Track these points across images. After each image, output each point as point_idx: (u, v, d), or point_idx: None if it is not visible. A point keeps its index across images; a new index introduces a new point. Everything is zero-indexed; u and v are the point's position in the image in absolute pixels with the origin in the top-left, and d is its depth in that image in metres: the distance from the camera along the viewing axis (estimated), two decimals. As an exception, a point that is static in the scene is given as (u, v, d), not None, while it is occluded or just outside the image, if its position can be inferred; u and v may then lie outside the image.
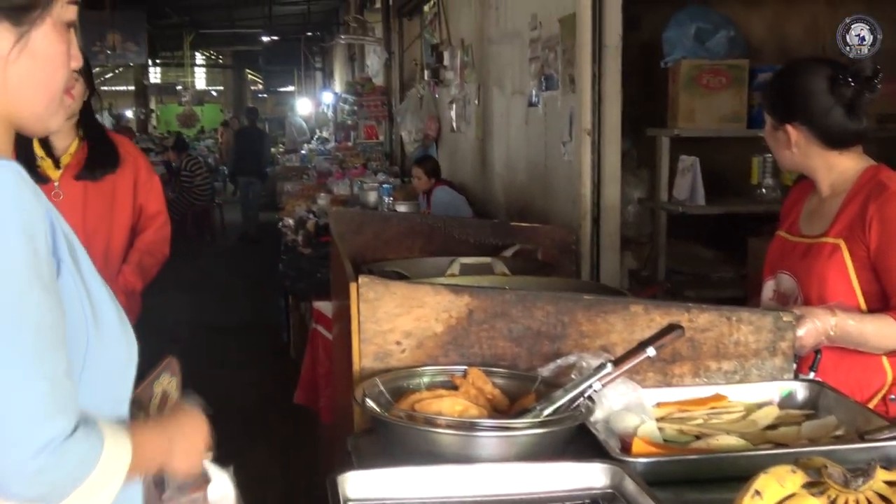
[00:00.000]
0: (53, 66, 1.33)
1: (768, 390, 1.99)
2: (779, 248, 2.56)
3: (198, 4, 20.14)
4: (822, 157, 2.40)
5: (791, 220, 2.57)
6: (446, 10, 8.39)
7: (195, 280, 10.55)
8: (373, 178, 9.11)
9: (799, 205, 2.58)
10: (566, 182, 4.86)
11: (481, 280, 2.54)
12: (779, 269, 2.52)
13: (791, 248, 2.49)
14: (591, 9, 4.41)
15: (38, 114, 1.35)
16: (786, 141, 2.40)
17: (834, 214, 2.38)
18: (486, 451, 1.59)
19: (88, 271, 1.36)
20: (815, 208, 2.49)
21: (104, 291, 1.38)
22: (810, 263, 2.38)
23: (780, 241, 2.57)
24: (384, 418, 1.67)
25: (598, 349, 1.95)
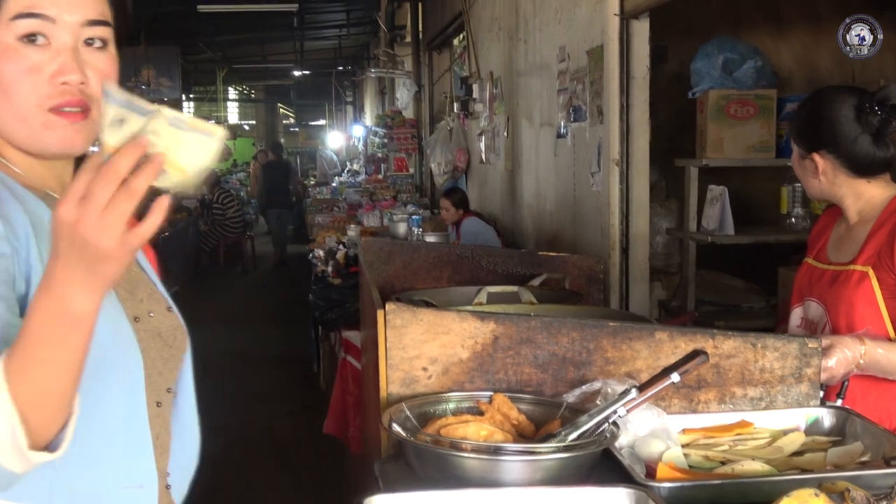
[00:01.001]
0: (7, 84, 1.33)
1: (794, 417, 1.98)
2: (807, 276, 2.55)
3: (230, 40, 20.39)
4: (849, 186, 2.40)
5: (819, 248, 2.57)
6: (475, 43, 8.46)
7: (227, 311, 10.64)
8: (402, 210, 9.16)
9: (827, 232, 2.57)
10: (595, 212, 4.88)
11: (508, 308, 2.56)
12: (807, 296, 2.52)
13: (819, 275, 2.49)
14: (619, 41, 4.45)
15: (20, 136, 1.37)
16: (813, 169, 2.41)
17: (862, 242, 2.38)
18: (510, 476, 1.60)
19: None
20: (843, 235, 2.48)
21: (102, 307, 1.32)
22: (838, 291, 2.38)
23: (808, 269, 2.56)
24: (410, 443, 1.69)
25: (623, 375, 1.96)
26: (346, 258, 6.37)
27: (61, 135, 1.36)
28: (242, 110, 40.66)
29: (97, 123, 1.39)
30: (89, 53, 1.38)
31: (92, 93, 1.37)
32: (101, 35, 1.39)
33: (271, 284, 12.77)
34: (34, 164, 1.42)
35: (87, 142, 1.40)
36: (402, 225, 7.30)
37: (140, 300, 1.49)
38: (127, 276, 1.49)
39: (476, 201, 8.72)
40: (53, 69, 1.34)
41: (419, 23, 12.76)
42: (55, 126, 1.36)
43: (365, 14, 16.64)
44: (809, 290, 2.51)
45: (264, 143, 34.37)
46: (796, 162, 2.48)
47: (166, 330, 1.53)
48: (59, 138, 1.37)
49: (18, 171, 1.40)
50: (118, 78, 1.43)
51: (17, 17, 1.32)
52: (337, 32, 19.95)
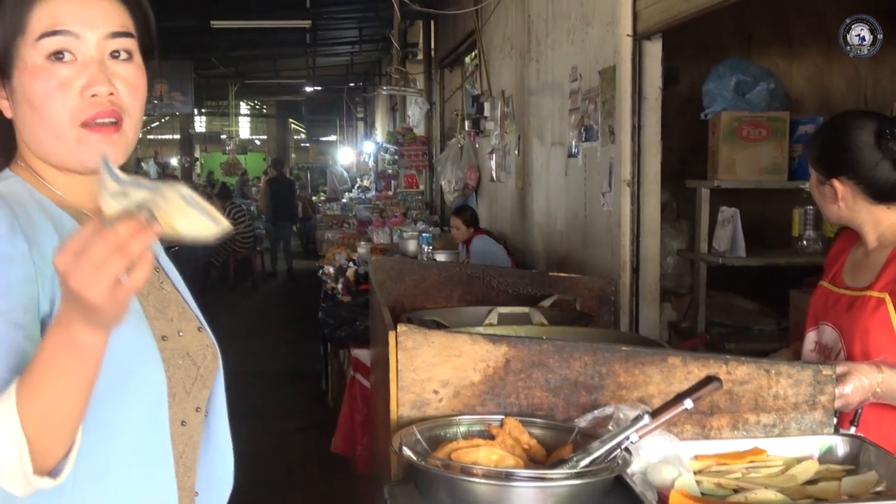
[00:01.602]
0: (39, 103, 1.37)
1: (808, 444, 1.96)
2: (822, 299, 2.53)
3: (243, 55, 20.49)
4: (869, 212, 2.38)
5: (835, 271, 2.54)
6: (487, 61, 8.48)
7: (235, 327, 10.64)
8: (412, 227, 9.17)
9: (843, 255, 2.55)
10: (605, 232, 4.87)
11: (519, 330, 2.55)
12: (821, 320, 2.50)
13: (835, 299, 2.47)
14: (632, 61, 4.46)
15: (55, 151, 1.41)
16: (832, 195, 2.38)
17: (879, 268, 2.36)
18: (522, 502, 1.59)
19: None
20: (860, 260, 2.46)
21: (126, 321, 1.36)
22: (854, 316, 2.36)
23: (823, 292, 2.54)
24: (421, 467, 1.67)
25: (636, 401, 1.95)
26: (356, 276, 6.37)
27: (96, 150, 1.37)
28: (254, 125, 40.82)
29: (130, 137, 1.44)
30: (116, 65, 1.41)
31: (122, 103, 1.41)
32: (125, 47, 1.42)
33: (280, 300, 12.78)
34: (71, 184, 1.45)
35: (123, 155, 1.43)
36: (413, 242, 7.30)
37: (170, 319, 1.51)
38: (158, 295, 1.51)
39: (486, 219, 8.72)
40: (82, 83, 1.37)
41: (431, 41, 12.80)
42: (89, 141, 1.39)
43: (377, 31, 16.72)
44: (825, 314, 2.49)
45: (275, 158, 34.56)
46: (814, 187, 2.45)
47: (195, 349, 1.53)
48: (94, 153, 1.37)
49: (59, 192, 1.44)
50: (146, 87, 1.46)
51: (43, 37, 1.36)
52: (349, 49, 20.03)
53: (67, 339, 1.12)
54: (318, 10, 14.39)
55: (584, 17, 5.22)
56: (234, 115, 33.39)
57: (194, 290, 1.69)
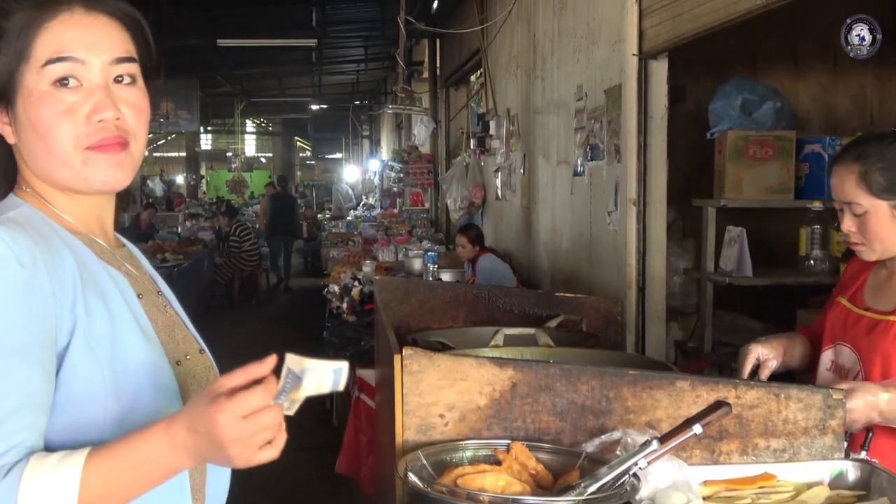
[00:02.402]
0: (44, 129, 1.37)
1: (818, 470, 1.94)
2: (841, 318, 2.48)
3: (249, 74, 20.56)
4: None
5: (854, 290, 2.49)
6: (493, 80, 8.49)
7: (240, 345, 10.61)
8: (418, 246, 9.15)
9: (864, 274, 2.49)
10: (611, 251, 4.86)
11: (525, 351, 2.53)
12: (839, 340, 2.46)
13: (855, 320, 2.43)
14: (637, 80, 4.45)
15: (61, 175, 1.40)
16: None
17: None
18: (529, 529, 1.57)
19: (125, 320, 1.38)
20: (883, 283, 2.41)
21: (138, 342, 1.39)
22: (875, 340, 2.32)
23: (842, 311, 2.49)
24: (426, 493, 1.65)
25: (644, 425, 1.92)
26: (362, 295, 6.36)
27: (103, 169, 1.40)
28: (260, 143, 40.95)
29: (136, 158, 1.45)
30: (120, 90, 1.42)
31: (128, 127, 1.42)
32: (129, 71, 1.43)
33: (285, 318, 12.75)
34: (76, 207, 1.45)
35: (129, 175, 1.44)
36: (418, 261, 7.28)
37: (178, 343, 1.51)
38: (165, 319, 1.50)
39: (491, 237, 8.71)
40: (88, 109, 1.37)
41: (437, 59, 12.85)
42: (95, 162, 1.39)
43: (383, 50, 16.76)
44: (843, 334, 2.44)
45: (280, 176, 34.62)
46: (885, 218, 2.30)
47: (200, 372, 1.53)
48: (101, 173, 1.40)
49: (66, 217, 1.43)
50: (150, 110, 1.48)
51: (48, 63, 1.36)
52: (355, 67, 20.10)
53: (168, 458, 1.22)
54: (324, 28, 14.44)
55: (589, 36, 5.23)
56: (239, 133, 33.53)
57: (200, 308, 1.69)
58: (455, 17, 10.56)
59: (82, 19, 1.39)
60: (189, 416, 1.21)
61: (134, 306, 1.42)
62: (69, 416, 1.30)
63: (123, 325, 1.37)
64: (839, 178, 2.34)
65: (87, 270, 1.36)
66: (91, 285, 1.34)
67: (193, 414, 1.21)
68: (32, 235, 1.30)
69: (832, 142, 4.44)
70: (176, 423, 1.22)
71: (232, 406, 1.18)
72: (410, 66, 13.74)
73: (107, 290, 1.38)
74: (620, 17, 4.61)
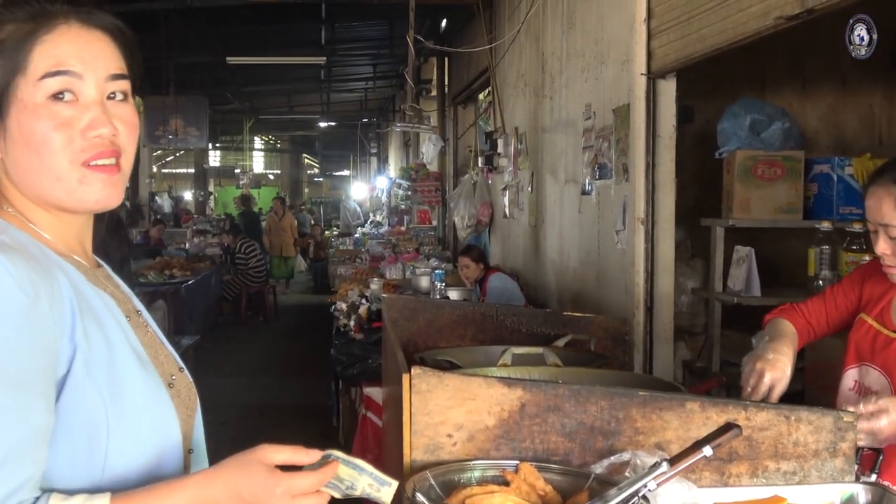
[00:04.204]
0: (38, 143, 1.34)
1: (829, 493, 1.92)
2: (869, 339, 2.45)
3: (258, 91, 20.64)
4: None
5: (881, 310, 2.46)
6: (501, 98, 8.51)
7: (247, 362, 10.62)
8: (425, 263, 9.15)
9: (890, 294, 2.46)
10: (619, 270, 4.85)
11: (533, 371, 2.52)
12: (867, 360, 2.43)
13: (884, 342, 2.40)
14: (646, 100, 4.46)
15: (54, 192, 1.37)
16: None
17: None
18: (537, 551, 1.56)
19: (121, 345, 1.36)
20: None
21: (134, 367, 1.37)
22: None
23: (869, 331, 2.46)
24: (434, 514, 1.64)
25: (653, 446, 1.91)
26: (369, 313, 6.35)
27: (99, 188, 1.37)
28: (268, 160, 41.05)
29: (126, 176, 1.43)
30: (114, 106, 1.40)
31: (121, 143, 1.40)
32: (122, 88, 1.42)
33: (292, 335, 12.75)
34: (60, 227, 1.41)
35: (121, 194, 1.42)
36: (425, 279, 7.27)
37: (162, 364, 1.48)
38: (147, 339, 1.48)
39: (499, 256, 8.70)
40: (84, 124, 1.35)
41: (445, 78, 12.88)
42: (92, 181, 1.36)
43: (391, 68, 16.83)
44: (871, 355, 2.41)
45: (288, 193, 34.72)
46: None
47: (184, 392, 1.51)
48: (97, 192, 1.37)
49: (47, 236, 1.39)
50: (145, 126, 1.46)
51: (45, 77, 1.34)
52: (363, 85, 20.18)
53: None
54: (333, 46, 14.50)
55: (598, 56, 5.23)
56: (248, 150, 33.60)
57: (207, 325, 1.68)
58: (463, 35, 10.59)
59: (80, 33, 1.37)
60: (234, 479, 1.29)
61: (126, 329, 1.40)
62: (70, 445, 1.28)
63: (119, 350, 1.35)
64: (876, 199, 2.30)
65: (82, 295, 1.33)
66: (87, 311, 1.32)
67: (240, 477, 1.29)
68: (29, 261, 1.26)
69: (841, 162, 4.43)
70: (215, 482, 1.28)
71: (291, 482, 1.30)
72: (419, 84, 13.78)
73: (101, 314, 1.35)
74: (629, 36, 4.62)
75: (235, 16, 12.30)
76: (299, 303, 16.10)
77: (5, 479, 1.17)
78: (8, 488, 1.16)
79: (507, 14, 8.13)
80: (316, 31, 13.75)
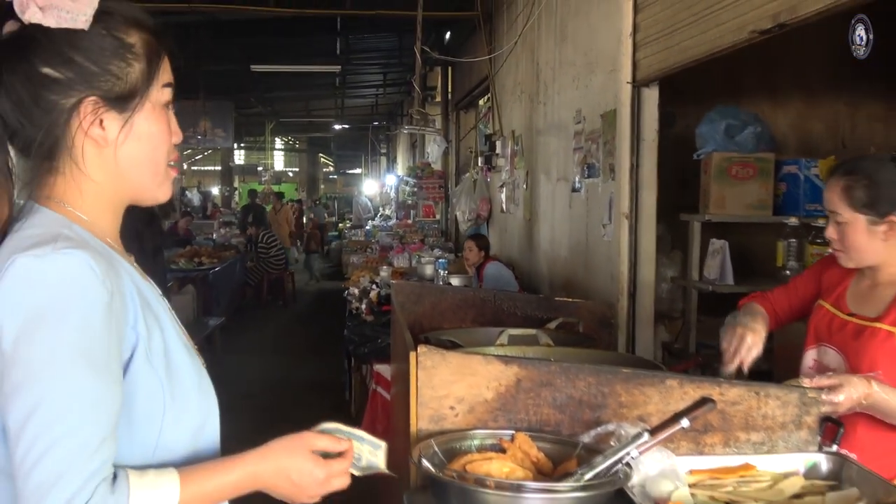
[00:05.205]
0: (155, 143, 1.37)
1: (794, 461, 1.93)
2: (825, 322, 2.47)
3: (279, 96, 20.59)
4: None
5: (836, 296, 2.48)
6: (499, 104, 8.49)
7: (268, 341, 10.62)
8: (429, 253, 9.14)
9: (845, 281, 2.48)
10: (605, 260, 4.85)
11: (527, 350, 2.52)
12: (824, 341, 2.44)
13: (840, 325, 2.41)
14: (631, 106, 4.45)
15: (148, 187, 1.40)
16: (883, 232, 2.30)
17: (889, 302, 2.31)
18: (530, 512, 1.56)
19: (172, 333, 1.37)
20: (867, 292, 2.40)
21: (183, 352, 1.38)
22: (861, 345, 2.31)
23: (826, 314, 2.48)
24: (438, 477, 1.65)
25: (636, 419, 1.92)
26: (379, 297, 6.35)
27: (169, 185, 1.43)
28: (287, 159, 40.99)
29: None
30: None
31: None
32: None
33: (309, 317, 12.75)
34: (113, 222, 1.40)
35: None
36: (430, 267, 7.28)
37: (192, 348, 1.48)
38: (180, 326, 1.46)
39: (497, 247, 8.69)
40: (174, 129, 1.42)
41: (449, 85, 12.84)
42: (169, 178, 1.42)
43: (400, 76, 16.79)
44: (829, 336, 2.43)
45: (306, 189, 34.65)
46: (863, 230, 2.32)
47: None
48: (169, 187, 1.44)
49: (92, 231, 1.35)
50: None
51: (166, 86, 1.40)
52: (374, 91, 20.12)
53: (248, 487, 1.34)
54: (347, 56, 14.48)
55: (588, 66, 5.22)
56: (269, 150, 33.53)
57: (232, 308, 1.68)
58: (466, 47, 10.56)
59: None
60: (283, 461, 1.36)
61: (172, 317, 1.41)
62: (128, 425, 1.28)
63: (171, 337, 1.36)
64: (828, 190, 2.37)
65: (139, 288, 1.33)
66: (144, 303, 1.32)
67: (289, 459, 1.36)
68: (101, 257, 1.25)
69: (807, 163, 4.43)
70: (266, 462, 1.35)
71: (330, 467, 1.39)
72: (425, 90, 13.72)
73: (154, 305, 1.36)
74: (616, 48, 4.61)
75: (259, 29, 12.28)
76: (315, 289, 16.09)
77: (105, 455, 1.18)
78: (100, 462, 1.17)
79: (506, 28, 8.11)
80: (332, 43, 13.73)
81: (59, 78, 1.29)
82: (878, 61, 3.09)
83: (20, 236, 1.26)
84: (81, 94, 1.30)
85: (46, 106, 1.29)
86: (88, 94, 1.30)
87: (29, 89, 1.28)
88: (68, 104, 1.30)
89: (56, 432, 1.14)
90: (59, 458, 1.14)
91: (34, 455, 1.13)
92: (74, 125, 1.31)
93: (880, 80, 5.39)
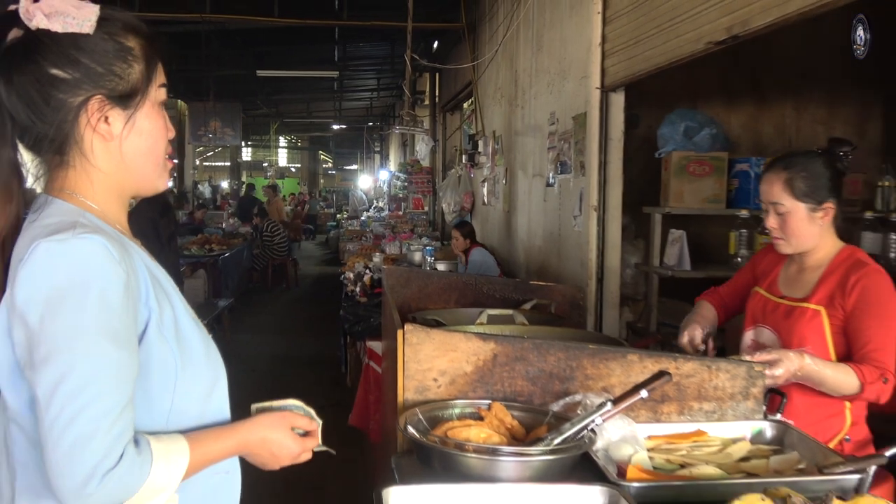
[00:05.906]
0: (155, 137, 1.37)
1: (742, 428, 1.94)
2: (760, 305, 2.49)
3: (283, 98, 20.49)
4: (828, 232, 2.35)
5: (769, 281, 2.50)
6: (482, 107, 8.47)
7: (272, 321, 10.59)
8: (418, 241, 9.12)
9: (776, 269, 2.50)
10: (576, 248, 4.85)
11: (504, 329, 2.52)
12: (760, 322, 2.46)
13: (773, 307, 2.43)
14: (600, 109, 4.45)
15: (149, 177, 1.39)
16: (821, 217, 2.32)
17: (814, 284, 2.33)
18: (505, 473, 1.57)
19: (181, 308, 1.37)
20: (795, 276, 2.42)
21: (191, 324, 1.37)
22: (792, 324, 2.33)
23: (760, 299, 2.50)
24: (422, 442, 1.65)
25: (600, 390, 1.92)
26: (372, 281, 6.33)
27: (167, 175, 1.44)
28: (290, 156, 40.80)
29: None
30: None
31: None
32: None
33: (309, 300, 12.72)
34: (112, 205, 1.38)
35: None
36: (418, 254, 7.26)
37: None
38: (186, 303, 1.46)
39: (479, 236, 8.66)
40: (168, 125, 1.42)
41: (436, 89, 12.81)
42: (167, 169, 1.42)
43: (392, 81, 16.72)
44: (763, 318, 2.45)
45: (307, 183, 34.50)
46: (803, 218, 2.32)
47: None
48: (167, 178, 1.44)
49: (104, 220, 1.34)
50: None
51: (162, 86, 1.39)
52: (369, 95, 20.04)
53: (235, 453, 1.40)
54: (344, 63, 14.43)
55: (561, 73, 5.21)
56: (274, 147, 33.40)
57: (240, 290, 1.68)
58: (452, 55, 10.53)
59: None
60: (267, 434, 1.41)
61: (179, 294, 1.40)
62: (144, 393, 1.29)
63: (180, 311, 1.36)
64: (769, 183, 2.36)
65: (150, 268, 1.33)
66: (155, 281, 1.32)
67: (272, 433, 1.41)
68: (116, 241, 1.25)
69: (757, 162, 4.44)
70: (253, 433, 1.40)
71: (303, 444, 1.47)
72: (414, 94, 13.66)
73: (164, 283, 1.35)
74: (587, 57, 4.60)
75: (265, 37, 12.20)
76: (315, 273, 16.04)
77: (128, 420, 1.19)
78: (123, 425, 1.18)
79: (488, 37, 8.08)
80: (330, 51, 13.66)
81: (68, 78, 1.28)
82: (822, 69, 3.10)
83: (38, 225, 1.25)
84: (88, 92, 1.30)
85: (56, 104, 1.28)
86: (95, 93, 1.30)
87: (39, 89, 1.27)
88: (76, 102, 1.29)
89: (83, 399, 1.14)
90: (87, 422, 1.14)
91: (63, 420, 1.13)
92: (83, 121, 1.30)
93: (822, 85, 5.42)
